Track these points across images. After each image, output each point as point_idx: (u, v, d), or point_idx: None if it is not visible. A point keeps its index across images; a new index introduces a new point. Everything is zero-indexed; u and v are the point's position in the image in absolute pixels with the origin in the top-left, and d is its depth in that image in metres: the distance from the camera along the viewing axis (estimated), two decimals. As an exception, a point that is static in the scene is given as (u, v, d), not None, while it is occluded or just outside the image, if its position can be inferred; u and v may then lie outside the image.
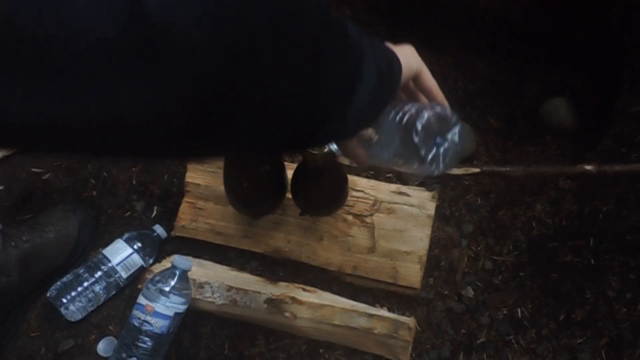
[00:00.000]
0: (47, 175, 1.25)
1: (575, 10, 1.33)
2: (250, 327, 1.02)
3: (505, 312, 1.08)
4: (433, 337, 1.05)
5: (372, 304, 1.03)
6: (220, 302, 0.98)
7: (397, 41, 0.57)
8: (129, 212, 1.20)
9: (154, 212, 1.21)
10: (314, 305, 0.96)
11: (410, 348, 0.96)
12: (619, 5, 1.22)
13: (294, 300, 0.96)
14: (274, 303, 0.96)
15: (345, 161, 1.00)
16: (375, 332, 0.94)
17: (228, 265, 1.09)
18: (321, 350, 1.00)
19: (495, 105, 1.43)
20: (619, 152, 1.16)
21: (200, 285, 1.00)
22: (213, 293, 0.99)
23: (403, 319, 0.94)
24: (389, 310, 1.03)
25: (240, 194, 1.00)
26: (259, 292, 0.97)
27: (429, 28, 1.50)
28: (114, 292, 1.08)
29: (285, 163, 1.15)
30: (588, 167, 0.69)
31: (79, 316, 1.05)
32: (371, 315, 0.94)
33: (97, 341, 1.04)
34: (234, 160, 0.92)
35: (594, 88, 1.35)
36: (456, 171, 0.68)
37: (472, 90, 1.45)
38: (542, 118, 1.38)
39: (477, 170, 0.68)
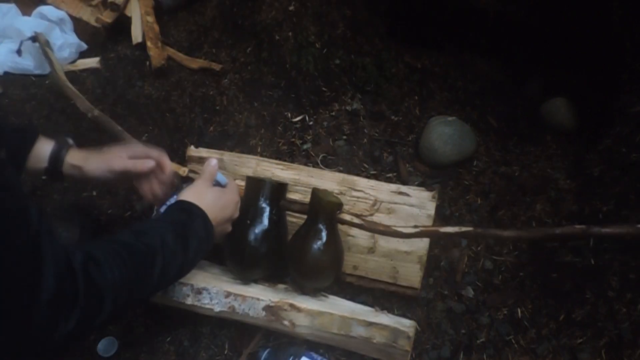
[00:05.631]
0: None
1: (576, 10, 1.33)
2: (250, 326, 1.01)
3: (505, 312, 1.08)
4: (433, 337, 1.05)
5: (372, 305, 1.03)
6: (218, 309, 0.96)
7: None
8: (129, 212, 1.20)
9: (154, 212, 1.20)
10: (313, 313, 0.95)
11: (409, 355, 0.95)
12: (619, 5, 1.22)
13: (293, 307, 0.95)
14: (272, 310, 0.95)
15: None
16: (374, 341, 0.93)
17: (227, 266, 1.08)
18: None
19: (495, 105, 1.42)
20: (619, 152, 1.16)
21: (198, 291, 0.98)
22: (211, 300, 0.97)
23: (402, 327, 0.93)
24: (389, 311, 1.03)
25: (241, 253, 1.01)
26: (258, 299, 0.96)
27: (429, 28, 1.50)
28: (114, 292, 1.08)
29: (286, 163, 1.15)
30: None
31: (79, 316, 1.05)
32: (370, 324, 0.93)
33: (97, 341, 1.04)
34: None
35: (594, 88, 1.35)
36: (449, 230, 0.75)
37: (472, 90, 1.45)
38: (542, 118, 1.38)
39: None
